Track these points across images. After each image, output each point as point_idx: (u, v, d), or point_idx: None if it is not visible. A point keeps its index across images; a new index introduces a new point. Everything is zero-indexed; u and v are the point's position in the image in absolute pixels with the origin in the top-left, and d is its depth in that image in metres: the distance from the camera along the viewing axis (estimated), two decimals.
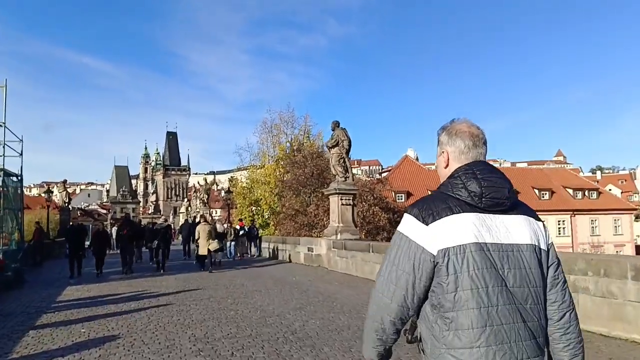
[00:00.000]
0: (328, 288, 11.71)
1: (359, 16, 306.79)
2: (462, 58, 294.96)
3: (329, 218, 23.28)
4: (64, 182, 39.75)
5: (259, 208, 44.92)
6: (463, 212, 1.61)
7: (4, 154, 13.11)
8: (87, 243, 30.04)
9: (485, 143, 1.78)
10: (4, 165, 13.21)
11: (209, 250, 15.97)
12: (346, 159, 16.98)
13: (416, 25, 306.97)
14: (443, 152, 1.81)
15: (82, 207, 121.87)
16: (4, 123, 12.39)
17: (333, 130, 17.24)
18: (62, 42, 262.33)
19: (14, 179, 14.28)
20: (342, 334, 6.86)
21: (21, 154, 14.46)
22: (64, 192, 39.41)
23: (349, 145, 17.01)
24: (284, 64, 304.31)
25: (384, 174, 71.10)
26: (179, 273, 15.55)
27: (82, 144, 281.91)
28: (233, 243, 21.78)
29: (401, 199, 49.73)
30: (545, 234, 1.73)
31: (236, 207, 52.82)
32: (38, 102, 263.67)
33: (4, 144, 12.65)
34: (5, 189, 13.15)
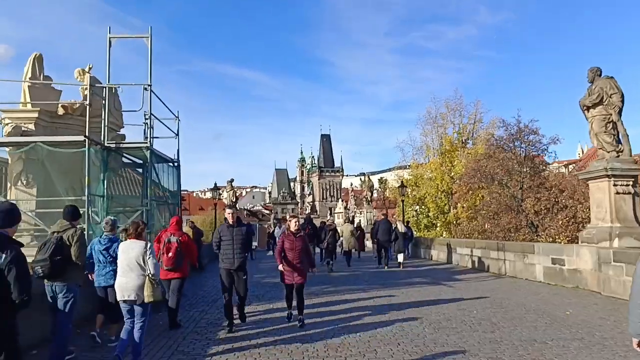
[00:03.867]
0: None
1: (513, 0, 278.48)
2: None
3: (556, 217, 17.17)
4: (231, 181, 39.36)
5: (424, 207, 40.08)
6: None
7: (150, 133, 9.88)
8: (255, 244, 28.75)
9: None
10: (151, 143, 10.13)
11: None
12: (618, 124, 10.95)
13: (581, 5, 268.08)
14: None
15: (248, 207, 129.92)
16: (150, 86, 9.28)
17: (591, 82, 11.32)
18: (224, 58, 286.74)
19: (169, 165, 11.42)
20: None
21: (177, 135, 11.56)
22: (231, 192, 39.08)
23: (622, 102, 10.95)
24: (432, 60, 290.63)
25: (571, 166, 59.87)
26: (359, 284, 11.28)
27: (246, 151, 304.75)
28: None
29: None
30: None
31: (397, 206, 48.43)
32: (208, 115, 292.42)
33: (150, 114, 9.54)
34: (155, 175, 10.18)
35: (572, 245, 11.85)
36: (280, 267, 7.60)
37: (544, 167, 21.44)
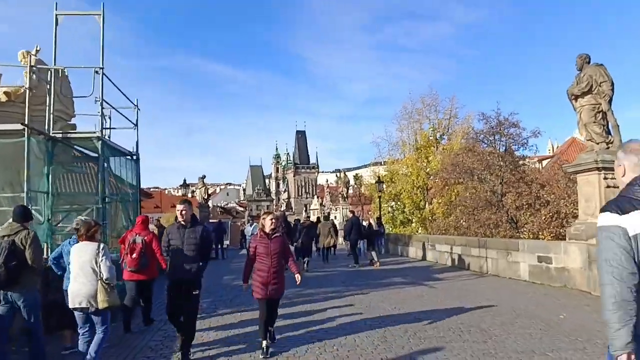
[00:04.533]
0: None
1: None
2: (618, 37, 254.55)
3: (537, 213, 16.73)
4: (202, 177, 38.07)
5: (399, 203, 40.00)
6: None
7: (102, 122, 8.81)
8: (227, 242, 27.63)
9: None
10: (105, 134, 9.14)
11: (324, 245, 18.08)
12: (608, 113, 10.43)
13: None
14: (620, 165, 2.43)
15: (222, 205, 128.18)
16: (102, 69, 8.24)
17: (580, 69, 10.78)
18: (197, 53, 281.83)
19: (127, 158, 10.38)
20: None
21: (136, 125, 10.54)
22: (203, 188, 37.76)
23: (612, 90, 10.43)
24: (408, 56, 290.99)
25: (544, 162, 60.41)
26: (336, 286, 10.50)
27: (220, 147, 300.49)
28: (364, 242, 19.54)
29: None
30: None
31: (373, 202, 48.03)
32: (180, 110, 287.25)
33: (102, 100, 8.45)
34: (109, 170, 9.14)
35: (559, 242, 11.32)
36: (245, 286, 6.05)
37: (523, 162, 21.04)
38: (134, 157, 10.44)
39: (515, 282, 11.71)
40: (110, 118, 10.82)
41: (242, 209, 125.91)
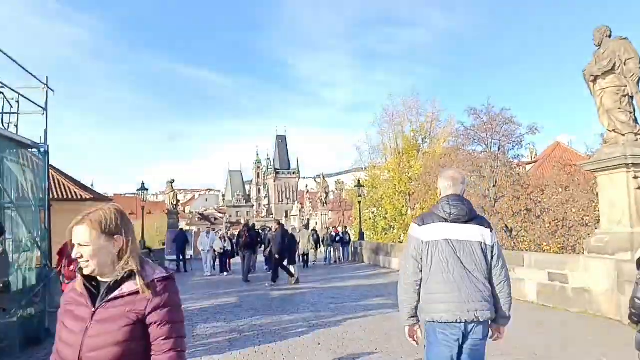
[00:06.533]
0: None
1: (466, 4, 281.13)
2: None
3: (537, 220, 14.73)
4: (171, 182, 35.43)
5: (381, 209, 38.48)
6: (440, 222, 2.93)
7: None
8: (190, 253, 25.20)
9: (462, 182, 3.12)
10: (10, 121, 6.96)
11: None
12: (637, 97, 8.47)
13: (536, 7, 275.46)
14: (438, 187, 3.19)
15: (201, 211, 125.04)
16: None
17: (599, 45, 8.82)
18: (176, 57, 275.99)
19: (33, 151, 8.05)
20: None
21: (45, 109, 8.22)
22: (172, 193, 35.22)
23: None
24: (386, 63, 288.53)
25: (528, 167, 59.12)
26: (303, 311, 8.33)
27: (200, 152, 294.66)
28: (329, 249, 22.54)
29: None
30: (491, 235, 2.98)
31: (354, 208, 46.24)
32: (162, 116, 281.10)
33: None
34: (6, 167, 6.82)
35: (577, 257, 9.31)
36: None
37: (518, 163, 19.20)
38: (42, 150, 8.09)
39: (522, 305, 9.58)
40: (18, 102, 8.54)
41: (221, 215, 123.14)
